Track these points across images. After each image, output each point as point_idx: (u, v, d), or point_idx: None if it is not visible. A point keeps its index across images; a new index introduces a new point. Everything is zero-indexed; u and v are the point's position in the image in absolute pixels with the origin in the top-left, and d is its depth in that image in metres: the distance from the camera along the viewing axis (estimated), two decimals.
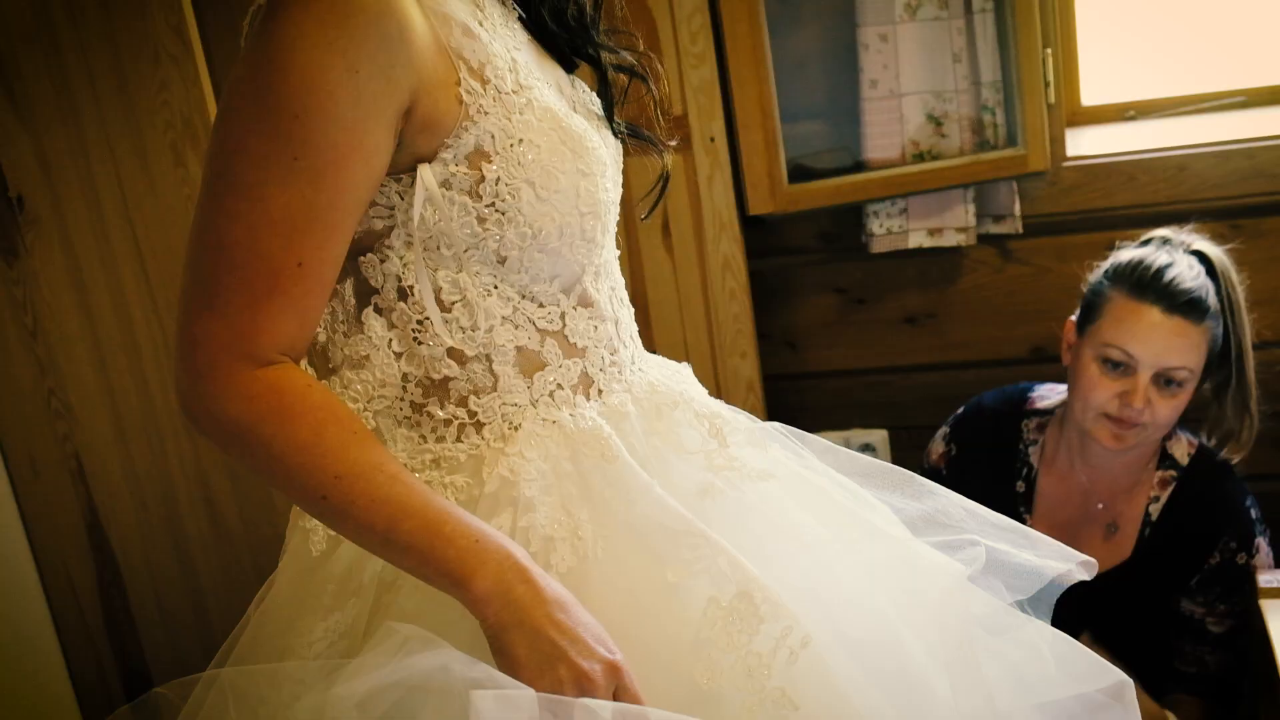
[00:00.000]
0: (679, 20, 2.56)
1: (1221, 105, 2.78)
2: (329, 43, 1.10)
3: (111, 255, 2.34)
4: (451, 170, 1.20)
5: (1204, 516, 2.25)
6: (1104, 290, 2.22)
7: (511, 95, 1.22)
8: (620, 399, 1.34)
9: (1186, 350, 2.15)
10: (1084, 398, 2.20)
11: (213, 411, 1.15)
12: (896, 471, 1.55)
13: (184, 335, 1.15)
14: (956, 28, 2.62)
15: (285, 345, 1.16)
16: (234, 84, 1.14)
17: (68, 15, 2.21)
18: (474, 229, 1.21)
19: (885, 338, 2.90)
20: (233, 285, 1.13)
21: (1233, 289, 2.23)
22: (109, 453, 2.47)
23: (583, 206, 1.26)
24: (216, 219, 1.13)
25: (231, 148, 1.13)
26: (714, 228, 2.66)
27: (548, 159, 1.22)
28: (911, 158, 2.68)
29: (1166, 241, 2.26)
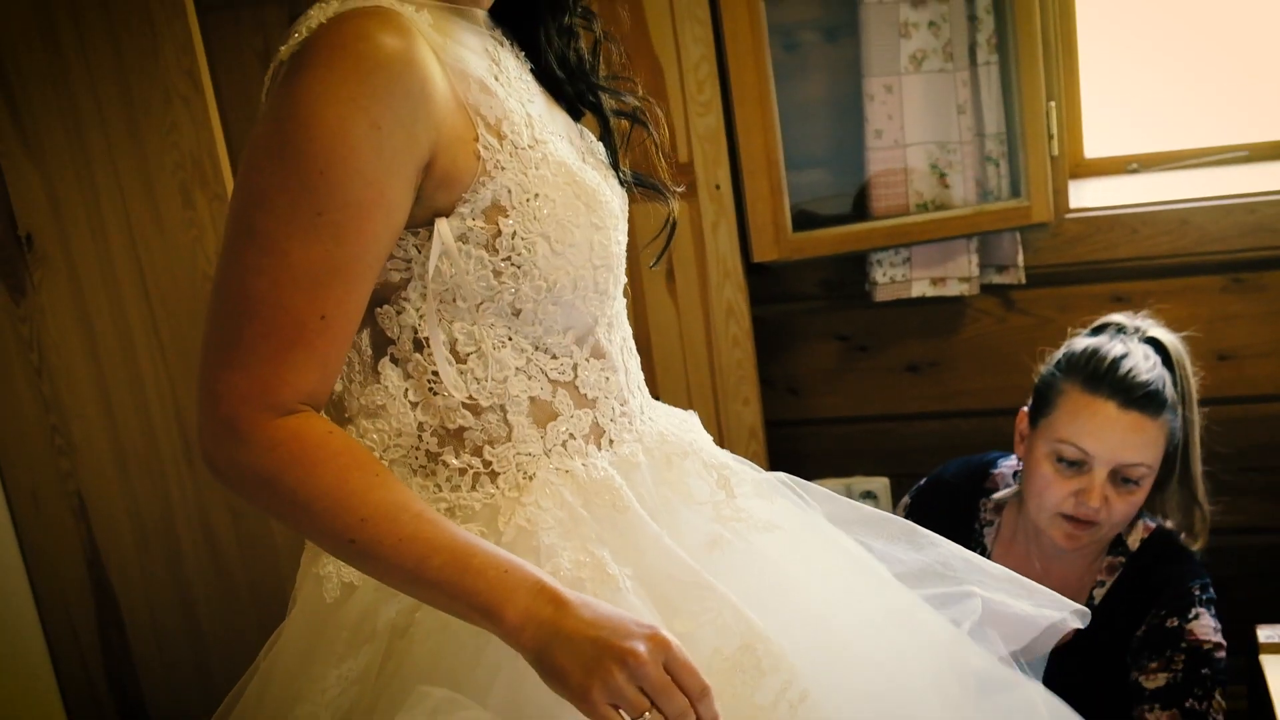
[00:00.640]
0: (686, 68, 2.58)
1: (1223, 159, 2.80)
2: (353, 99, 1.12)
3: (118, 294, 2.35)
4: (469, 224, 1.21)
5: (1141, 595, 2.16)
6: (1057, 382, 2.14)
7: (528, 150, 1.24)
8: (631, 449, 1.35)
9: (1144, 446, 2.07)
10: (1038, 496, 2.12)
11: (236, 462, 1.16)
12: (897, 521, 1.57)
13: (206, 387, 1.16)
14: (961, 79, 2.64)
15: (306, 395, 1.17)
16: (258, 139, 1.16)
17: (80, 55, 2.23)
18: (490, 282, 1.23)
19: (888, 385, 2.91)
20: (255, 338, 1.14)
21: (1187, 379, 2.16)
22: (111, 490, 2.47)
23: (596, 259, 1.27)
24: (240, 273, 1.15)
25: (255, 202, 1.14)
26: (718, 274, 2.67)
27: (562, 213, 1.24)
28: (915, 207, 2.70)
29: (1121, 329, 2.19)
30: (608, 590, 1.24)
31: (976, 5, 2.60)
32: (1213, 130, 2.87)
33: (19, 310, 2.39)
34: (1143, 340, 2.15)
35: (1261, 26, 2.85)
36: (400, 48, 1.14)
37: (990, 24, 2.60)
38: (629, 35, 2.58)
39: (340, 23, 1.15)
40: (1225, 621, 2.14)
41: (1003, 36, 2.60)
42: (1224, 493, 2.39)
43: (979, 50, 2.62)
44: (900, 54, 2.63)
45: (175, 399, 2.39)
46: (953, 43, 2.63)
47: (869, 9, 2.62)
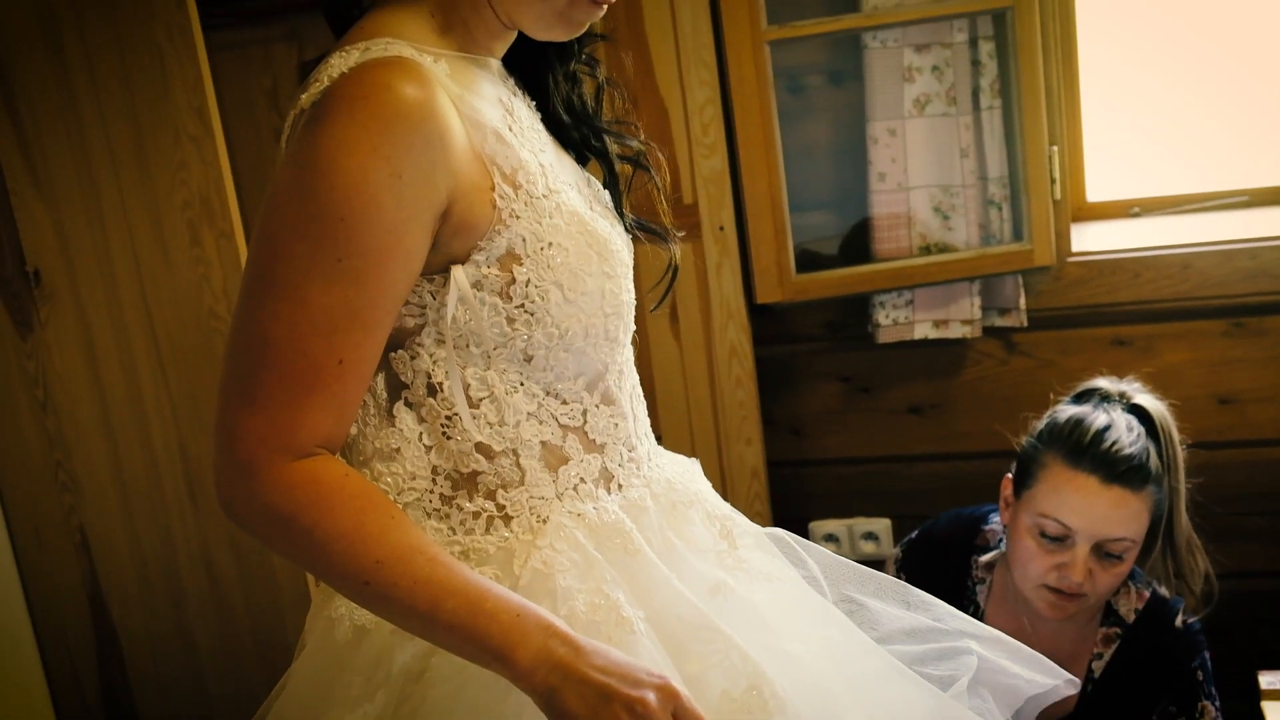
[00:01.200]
0: (691, 111, 2.60)
1: (1225, 204, 2.82)
2: (374, 148, 1.13)
3: (125, 331, 2.36)
4: (484, 272, 1.23)
5: (1147, 677, 2.14)
6: (1039, 454, 2.11)
7: (542, 199, 1.26)
8: (640, 493, 1.37)
9: (1126, 521, 2.04)
10: (1022, 567, 2.10)
11: (252, 504, 1.17)
12: (891, 580, 1.58)
13: (223, 430, 1.18)
14: (964, 124, 2.66)
15: (323, 439, 1.19)
16: (279, 186, 1.17)
17: (92, 95, 2.25)
18: (503, 329, 1.24)
19: (890, 427, 2.92)
20: (274, 382, 1.15)
21: (1173, 448, 2.11)
22: (114, 526, 2.47)
23: (607, 307, 1.29)
24: (259, 317, 1.16)
25: (276, 249, 1.16)
26: (722, 315, 2.68)
27: (575, 262, 1.26)
28: (918, 250, 2.71)
29: (1105, 397, 2.16)
30: (623, 632, 1.24)
31: (979, 50, 2.63)
32: (1214, 175, 2.89)
33: (25, 346, 2.40)
34: (1127, 409, 2.12)
35: (1263, 73, 2.87)
36: (421, 98, 1.16)
37: (993, 69, 2.62)
38: (635, 78, 2.60)
39: (362, 72, 1.17)
40: (1226, 666, 2.14)
41: (1005, 81, 2.63)
42: (1225, 537, 2.39)
43: (982, 95, 2.64)
44: (904, 98, 2.65)
45: (179, 436, 2.40)
46: (956, 87, 2.65)
47: (873, 53, 2.65)
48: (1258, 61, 2.87)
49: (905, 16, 2.56)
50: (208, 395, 2.37)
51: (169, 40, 2.20)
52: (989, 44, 2.62)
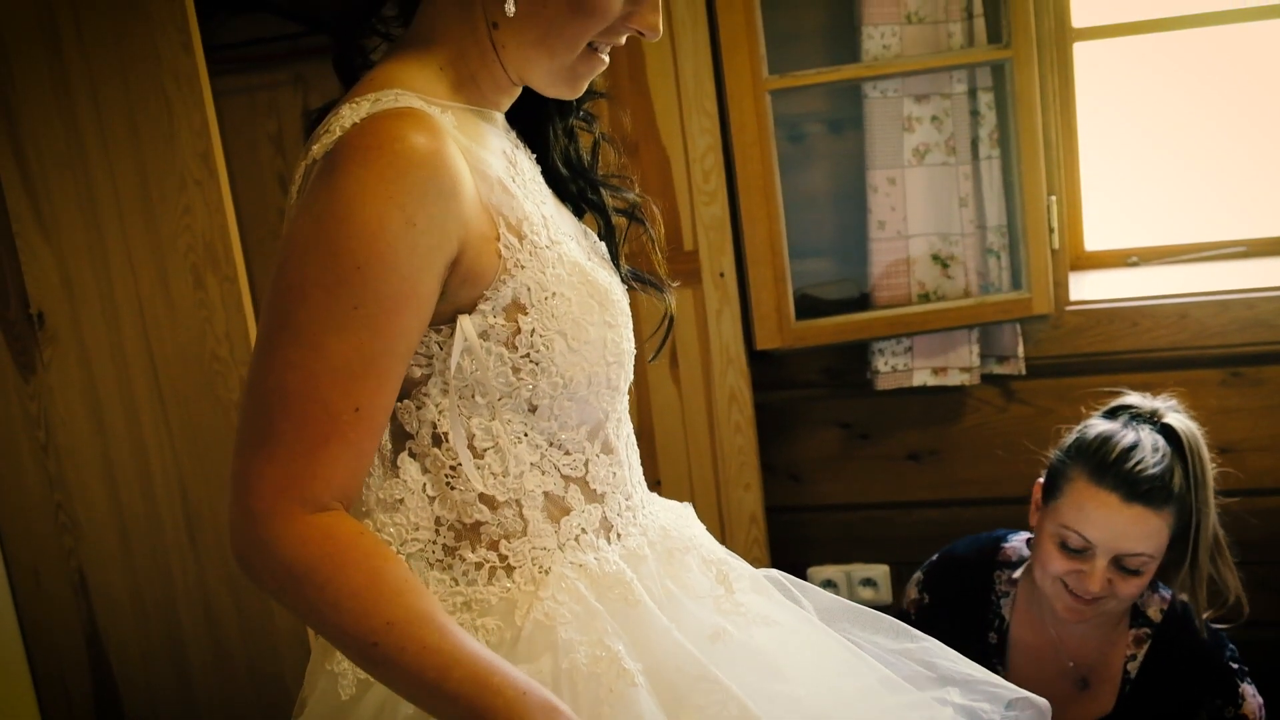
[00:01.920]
0: (692, 158, 2.62)
1: (1222, 255, 2.84)
2: (389, 197, 1.15)
3: (127, 374, 2.37)
4: (490, 322, 1.24)
5: (1184, 675, 2.20)
6: (1066, 468, 2.16)
7: (545, 250, 1.27)
8: (637, 542, 1.38)
9: (1145, 537, 2.09)
10: (1042, 566, 2.16)
11: (266, 556, 1.16)
12: (886, 619, 1.59)
13: (239, 480, 1.17)
14: (964, 173, 2.68)
15: (339, 489, 1.18)
16: (295, 236, 1.18)
17: (98, 138, 2.27)
18: (509, 379, 1.26)
19: (888, 473, 2.92)
20: (290, 431, 1.15)
21: (1201, 468, 2.14)
22: (113, 568, 2.47)
23: (609, 356, 1.30)
24: (276, 366, 1.16)
25: (293, 297, 1.16)
26: (721, 361, 2.69)
27: (578, 311, 1.27)
28: (917, 297, 2.73)
29: (1136, 415, 2.19)
30: (624, 684, 1.24)
31: (979, 101, 2.65)
32: (1211, 225, 2.91)
33: (28, 388, 2.41)
34: (1155, 428, 2.16)
35: (1260, 125, 2.89)
36: (433, 148, 1.18)
37: (992, 119, 2.65)
38: (638, 126, 2.62)
39: (374, 123, 1.19)
40: None
41: (1004, 132, 2.65)
42: None
43: (981, 145, 2.66)
44: (903, 147, 2.68)
45: (180, 480, 2.40)
46: (955, 137, 2.67)
47: (873, 103, 2.67)
48: (1255, 114, 2.89)
49: (905, 67, 2.58)
50: (209, 438, 2.38)
51: (175, 86, 2.22)
52: (988, 95, 2.64)
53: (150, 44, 2.22)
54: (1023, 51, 2.55)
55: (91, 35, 2.24)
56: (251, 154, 2.76)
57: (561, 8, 1.25)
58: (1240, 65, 2.86)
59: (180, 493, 2.41)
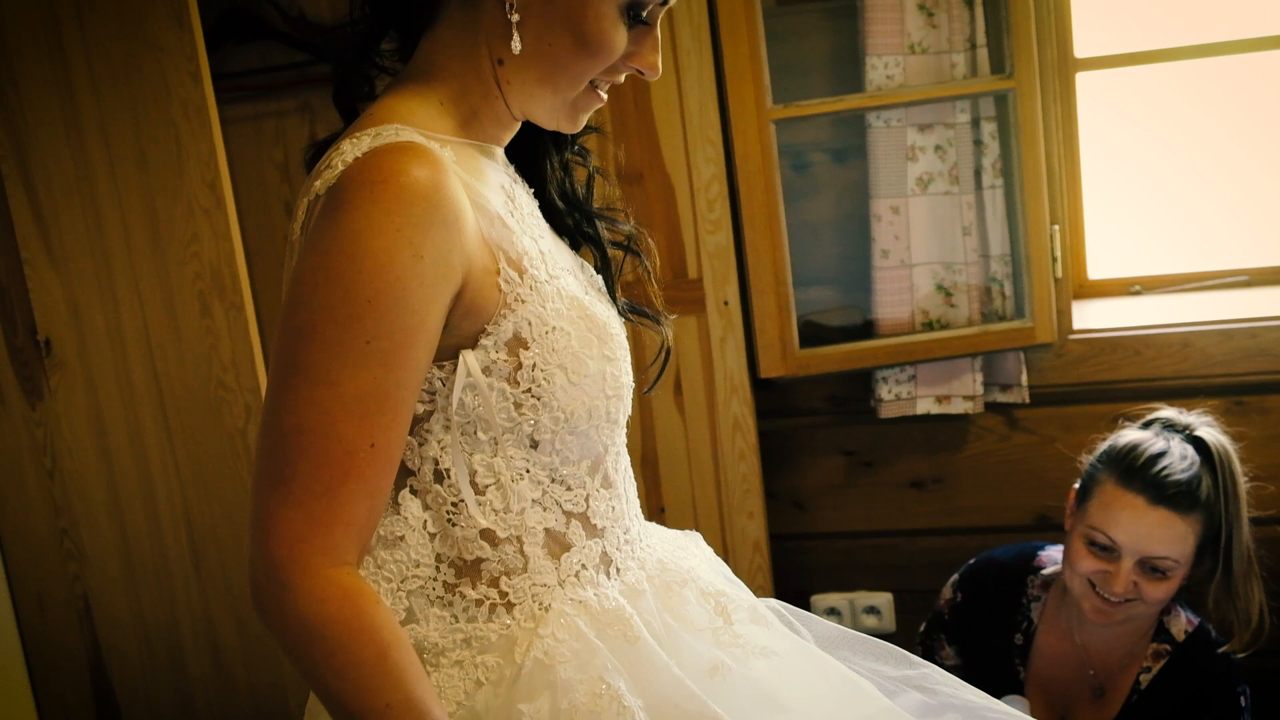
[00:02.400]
0: (697, 187, 2.63)
1: (1225, 284, 2.84)
2: (397, 230, 1.15)
3: (133, 401, 2.38)
4: (492, 357, 1.25)
5: (1191, 698, 2.24)
6: (1097, 473, 2.25)
7: (545, 284, 1.28)
8: (636, 576, 1.38)
9: (1171, 541, 2.15)
10: (1070, 565, 2.24)
11: (283, 606, 1.16)
12: (886, 645, 1.59)
13: (259, 523, 1.17)
14: (967, 202, 2.69)
15: (358, 533, 1.19)
16: (304, 274, 1.18)
17: (107, 168, 2.28)
18: (511, 414, 1.26)
19: (892, 501, 2.93)
20: (309, 471, 1.16)
21: (1231, 479, 2.22)
22: (117, 595, 2.48)
23: (608, 390, 1.31)
24: (291, 405, 1.17)
25: (305, 335, 1.17)
26: (725, 389, 2.70)
27: (577, 345, 1.28)
28: (921, 326, 2.73)
29: (1168, 425, 2.27)
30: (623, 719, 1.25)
31: (982, 130, 2.66)
32: (1213, 255, 2.92)
33: (34, 414, 2.42)
34: (1186, 438, 2.23)
35: (1262, 155, 2.91)
36: (436, 181, 1.18)
37: (995, 149, 2.66)
38: (642, 155, 2.64)
39: (377, 157, 1.19)
40: None
41: (1007, 161, 2.66)
42: None
43: (984, 174, 2.67)
44: (907, 176, 2.69)
45: (185, 506, 2.41)
46: (959, 166, 2.68)
47: (877, 133, 2.68)
48: (1258, 143, 2.91)
49: (909, 97, 2.60)
50: (214, 465, 2.38)
51: (184, 116, 2.24)
52: (991, 124, 2.65)
53: (159, 74, 2.24)
54: (1025, 82, 2.56)
55: (101, 64, 2.25)
56: (258, 182, 2.77)
57: (568, 45, 1.27)
58: (1242, 95, 2.87)
59: (185, 520, 2.41)
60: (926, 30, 2.62)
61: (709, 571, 1.50)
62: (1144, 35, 2.80)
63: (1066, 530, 2.31)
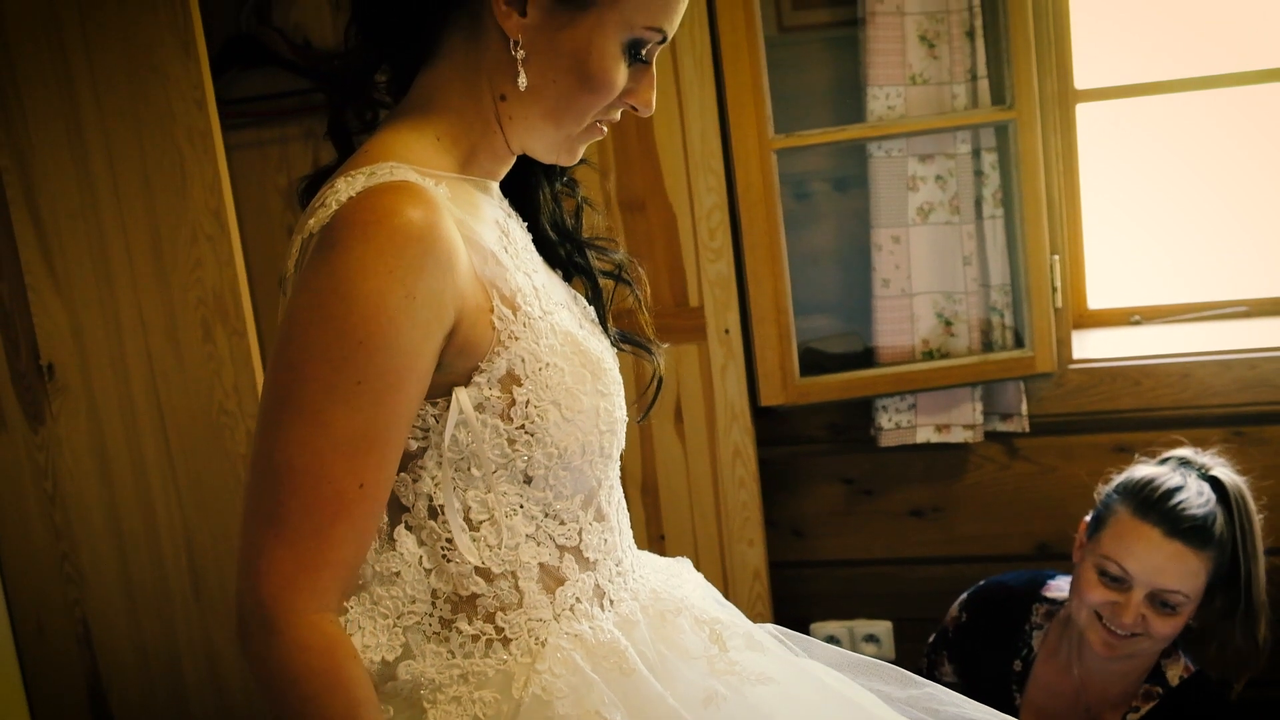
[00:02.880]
0: (699, 215, 2.64)
1: (1224, 314, 2.85)
2: (390, 271, 1.16)
3: (135, 425, 2.38)
4: (486, 394, 1.25)
5: None
6: (1112, 504, 2.25)
7: (538, 321, 1.28)
8: (630, 607, 1.38)
9: (1183, 575, 2.15)
10: (1080, 595, 2.23)
11: (268, 650, 1.17)
12: (888, 667, 1.59)
13: (248, 562, 1.17)
14: (967, 232, 2.70)
15: (344, 575, 1.20)
16: (296, 312, 1.19)
17: (112, 194, 2.29)
18: (504, 450, 1.26)
19: (892, 529, 2.93)
20: (299, 511, 1.16)
21: (1247, 518, 2.22)
22: (118, 620, 2.48)
23: (602, 424, 1.31)
24: (281, 444, 1.17)
25: (295, 373, 1.17)
26: (726, 417, 2.70)
27: (571, 381, 1.28)
28: (921, 355, 2.74)
29: (1185, 463, 2.27)
30: None
31: (982, 161, 2.68)
32: (1213, 285, 2.93)
33: (36, 438, 2.42)
34: (1202, 477, 2.24)
35: (1262, 185, 2.92)
36: (430, 221, 1.18)
37: (995, 179, 2.67)
38: (645, 183, 2.65)
39: (371, 197, 1.19)
40: None
41: (1008, 191, 2.67)
42: None
43: (984, 204, 2.69)
44: (908, 206, 2.70)
45: (186, 531, 2.41)
46: (959, 196, 2.70)
47: (878, 162, 2.70)
48: (1257, 174, 2.92)
49: (910, 128, 2.61)
50: (215, 491, 2.39)
51: (189, 143, 2.25)
52: (991, 155, 2.67)
53: (165, 101, 2.25)
54: (1026, 113, 2.57)
55: (107, 91, 2.27)
56: (262, 207, 2.78)
57: (572, 82, 1.27)
58: (1242, 126, 2.88)
59: (186, 545, 2.42)
60: (927, 61, 2.63)
61: (702, 599, 1.50)
62: (1143, 68, 2.82)
63: (1076, 561, 2.31)
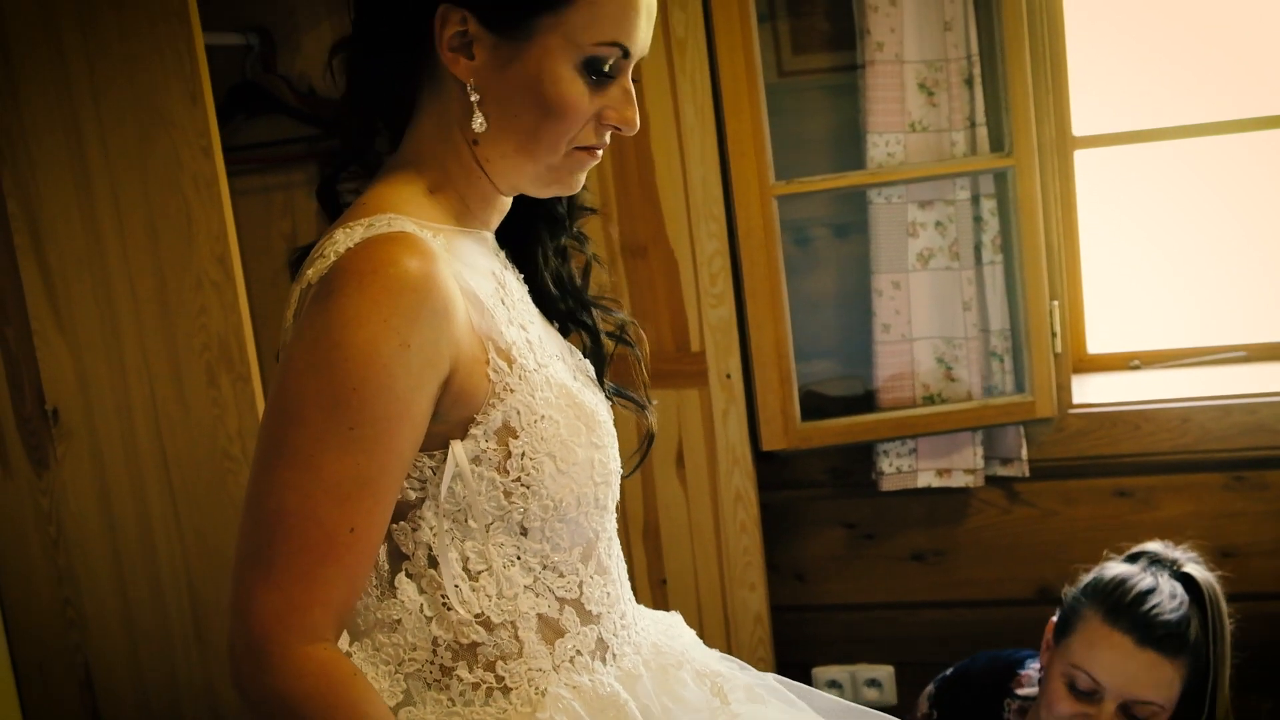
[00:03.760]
0: (700, 261, 2.66)
1: (1223, 359, 2.87)
2: (384, 320, 1.18)
3: (139, 470, 2.39)
4: (482, 446, 1.27)
5: None
6: (1081, 607, 2.14)
7: (534, 373, 1.30)
8: (632, 661, 1.39)
9: (1158, 685, 2.06)
10: (1048, 707, 2.13)
11: (262, 682, 1.18)
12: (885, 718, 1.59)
13: (239, 605, 1.19)
14: (967, 278, 2.72)
15: (336, 610, 1.21)
16: (292, 360, 1.21)
17: (119, 241, 2.31)
18: (500, 502, 1.28)
19: (893, 574, 2.93)
20: (288, 554, 1.18)
21: (1219, 619, 2.11)
22: (119, 665, 2.48)
23: (597, 476, 1.33)
24: (273, 488, 1.19)
25: (290, 419, 1.19)
26: (727, 461, 2.71)
27: (566, 434, 1.30)
28: (922, 399, 2.75)
29: (1156, 560, 2.18)
30: None
31: (982, 207, 2.69)
32: (1212, 330, 2.94)
33: (40, 483, 2.43)
34: (1174, 575, 2.14)
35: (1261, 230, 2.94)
36: (426, 271, 1.21)
37: (995, 225, 2.69)
38: (646, 228, 2.67)
39: (369, 247, 1.22)
40: None
41: (1007, 237, 2.69)
42: None
43: (984, 250, 2.70)
44: (908, 252, 2.72)
45: (189, 576, 2.41)
46: (958, 242, 2.71)
47: (878, 209, 2.72)
48: (1255, 219, 2.94)
49: (909, 174, 2.63)
50: (218, 536, 2.39)
51: (195, 190, 2.27)
52: (991, 201, 2.69)
53: (172, 149, 2.27)
54: (1024, 160, 2.59)
55: (114, 138, 2.29)
56: (266, 252, 2.80)
57: (533, 113, 1.28)
58: (1239, 172, 2.91)
59: (188, 590, 2.42)
60: (927, 109, 2.66)
61: (702, 652, 1.51)
62: (1141, 114, 2.84)
63: (1043, 664, 2.22)
